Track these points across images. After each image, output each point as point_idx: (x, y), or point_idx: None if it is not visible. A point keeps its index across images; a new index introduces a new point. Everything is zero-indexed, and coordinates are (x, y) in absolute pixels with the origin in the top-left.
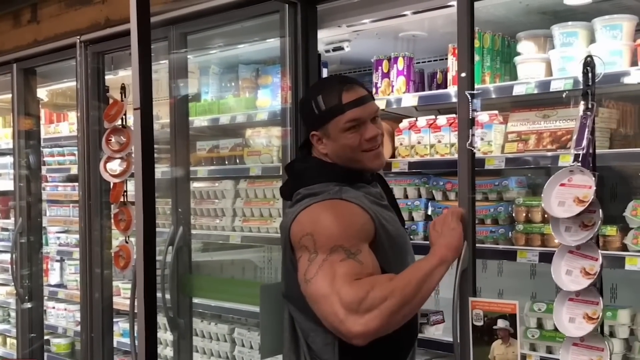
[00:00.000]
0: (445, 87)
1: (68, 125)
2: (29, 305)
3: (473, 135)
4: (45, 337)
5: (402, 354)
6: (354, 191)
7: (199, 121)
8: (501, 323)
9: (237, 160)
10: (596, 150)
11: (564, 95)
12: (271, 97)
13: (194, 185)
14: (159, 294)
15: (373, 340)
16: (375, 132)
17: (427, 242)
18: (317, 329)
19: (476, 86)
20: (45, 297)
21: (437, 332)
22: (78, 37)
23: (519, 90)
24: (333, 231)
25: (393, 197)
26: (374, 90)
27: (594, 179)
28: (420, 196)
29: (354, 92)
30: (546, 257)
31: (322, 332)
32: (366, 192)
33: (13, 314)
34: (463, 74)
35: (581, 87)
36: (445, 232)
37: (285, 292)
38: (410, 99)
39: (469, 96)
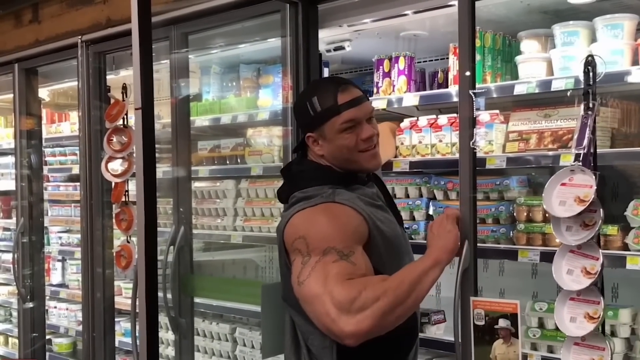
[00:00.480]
0: (447, 87)
1: (69, 125)
2: (30, 304)
3: (475, 134)
4: (47, 337)
5: (402, 355)
6: (348, 193)
7: (200, 121)
8: (502, 322)
9: (239, 160)
10: (597, 150)
11: (568, 94)
12: (272, 96)
13: (195, 184)
14: (160, 294)
15: (372, 342)
16: (372, 132)
17: None
18: (315, 331)
19: (477, 85)
20: (47, 297)
21: (438, 331)
22: (79, 37)
23: (520, 89)
24: (325, 233)
25: (390, 197)
26: (375, 89)
27: (594, 178)
28: (421, 196)
29: (348, 93)
30: (547, 257)
31: (320, 334)
32: (361, 194)
33: (15, 313)
34: (467, 73)
35: (582, 86)
36: (441, 234)
37: (284, 295)
38: (412, 99)
39: (472, 95)
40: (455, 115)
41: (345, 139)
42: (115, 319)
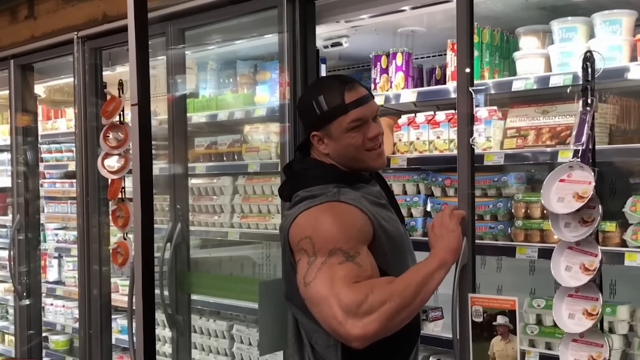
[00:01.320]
0: (444, 83)
1: (66, 122)
2: (27, 302)
3: (474, 130)
4: (44, 334)
5: (405, 353)
6: (353, 192)
7: (197, 117)
8: (500, 319)
9: (236, 157)
10: (595, 146)
11: (568, 91)
12: (269, 93)
13: (192, 181)
14: (157, 291)
15: (376, 341)
16: (378, 131)
17: (426, 238)
18: (319, 330)
19: (475, 82)
20: (44, 294)
21: (436, 328)
22: (75, 33)
23: (518, 85)
24: (331, 234)
25: (392, 196)
26: (372, 86)
27: (593, 174)
28: (419, 192)
29: (355, 92)
30: (545, 253)
31: (324, 333)
32: (365, 193)
33: (11, 310)
34: (467, 70)
35: (580, 82)
36: (444, 234)
37: (286, 294)
38: (409, 95)
39: (472, 92)
40: (452, 111)
41: (353, 138)
42: (112, 316)
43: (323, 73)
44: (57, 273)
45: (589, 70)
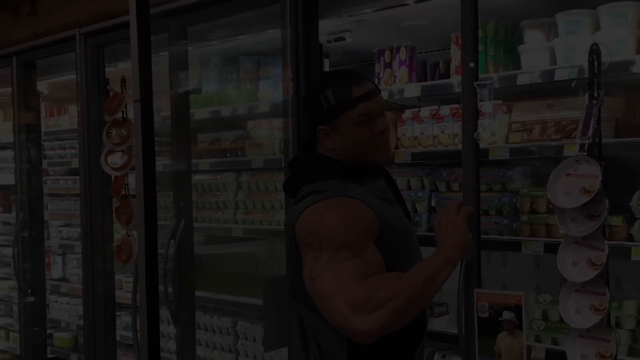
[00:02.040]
0: (448, 77)
1: (69, 119)
2: (31, 299)
3: (478, 125)
4: (48, 331)
5: (412, 349)
6: (359, 187)
7: (200, 113)
8: (506, 315)
9: (239, 153)
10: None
11: (572, 85)
12: (272, 88)
13: (196, 178)
14: (161, 288)
15: (382, 337)
16: (386, 126)
17: (431, 233)
18: (324, 326)
19: (480, 76)
20: (48, 291)
21: (441, 324)
22: (77, 29)
23: (522, 79)
24: (338, 229)
25: (397, 191)
26: (376, 80)
27: (600, 168)
28: (423, 187)
29: (363, 86)
30: (551, 248)
31: (330, 330)
32: (371, 188)
33: (16, 308)
34: (471, 64)
35: (586, 76)
36: (450, 230)
37: (291, 291)
38: (413, 90)
39: (477, 87)
40: (457, 105)
41: (360, 132)
42: (116, 313)
43: (326, 68)
44: (61, 270)
45: (595, 63)
